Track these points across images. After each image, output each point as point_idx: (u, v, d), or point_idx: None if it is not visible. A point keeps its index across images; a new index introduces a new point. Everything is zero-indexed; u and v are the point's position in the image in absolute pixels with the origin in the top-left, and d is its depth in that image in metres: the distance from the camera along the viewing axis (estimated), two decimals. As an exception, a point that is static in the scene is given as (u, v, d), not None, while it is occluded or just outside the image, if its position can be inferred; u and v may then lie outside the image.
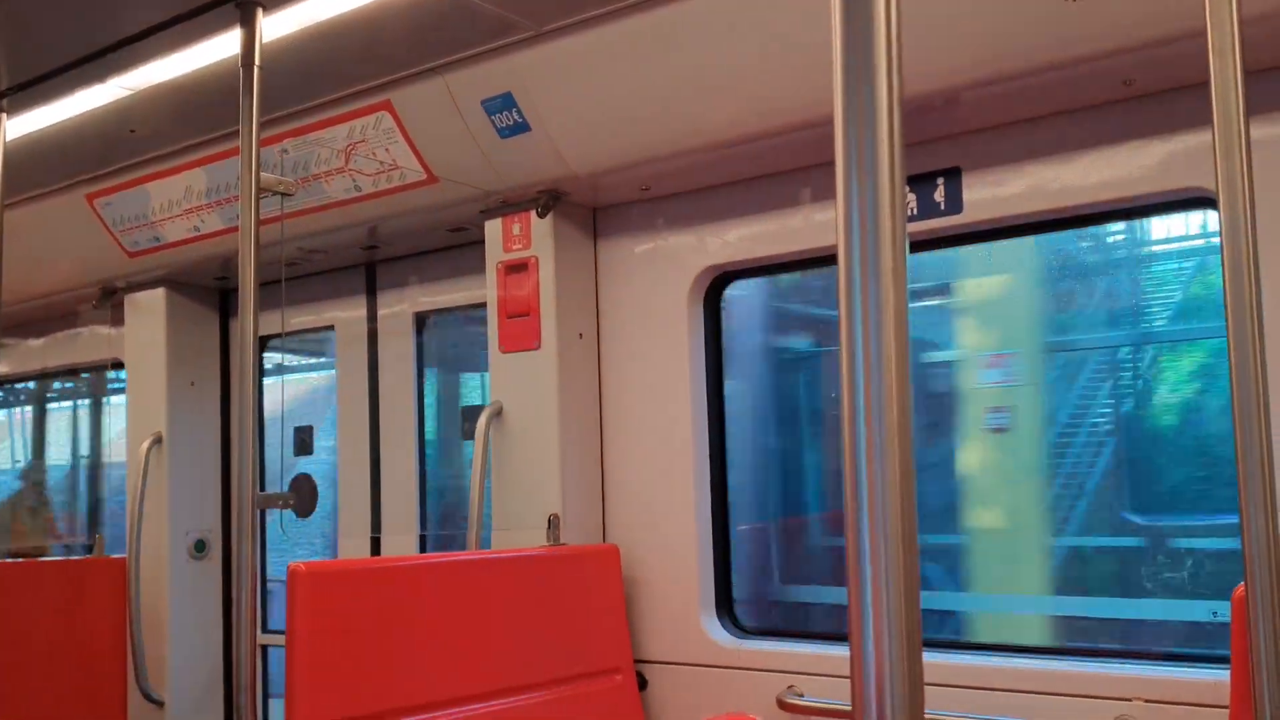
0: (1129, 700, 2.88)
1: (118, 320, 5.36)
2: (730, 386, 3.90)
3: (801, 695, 3.41)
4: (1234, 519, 1.65)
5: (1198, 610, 3.64)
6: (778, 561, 4.41)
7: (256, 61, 2.98)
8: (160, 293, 5.07)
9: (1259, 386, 1.65)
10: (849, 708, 0.98)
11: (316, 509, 5.06)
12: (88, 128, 4.02)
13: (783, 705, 3.41)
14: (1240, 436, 1.65)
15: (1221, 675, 2.75)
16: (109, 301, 5.27)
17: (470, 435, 4.14)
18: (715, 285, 3.84)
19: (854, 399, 1.02)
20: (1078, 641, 3.94)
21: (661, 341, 3.83)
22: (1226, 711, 2.43)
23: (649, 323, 3.87)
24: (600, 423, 3.95)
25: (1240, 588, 1.66)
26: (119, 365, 5.51)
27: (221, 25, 3.18)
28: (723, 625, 3.72)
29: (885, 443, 1.00)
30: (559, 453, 3.77)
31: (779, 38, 3.04)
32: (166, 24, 3.20)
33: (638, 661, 3.76)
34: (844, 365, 1.03)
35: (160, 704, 4.88)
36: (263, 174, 3.01)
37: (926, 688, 1.02)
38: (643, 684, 3.74)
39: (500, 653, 3.33)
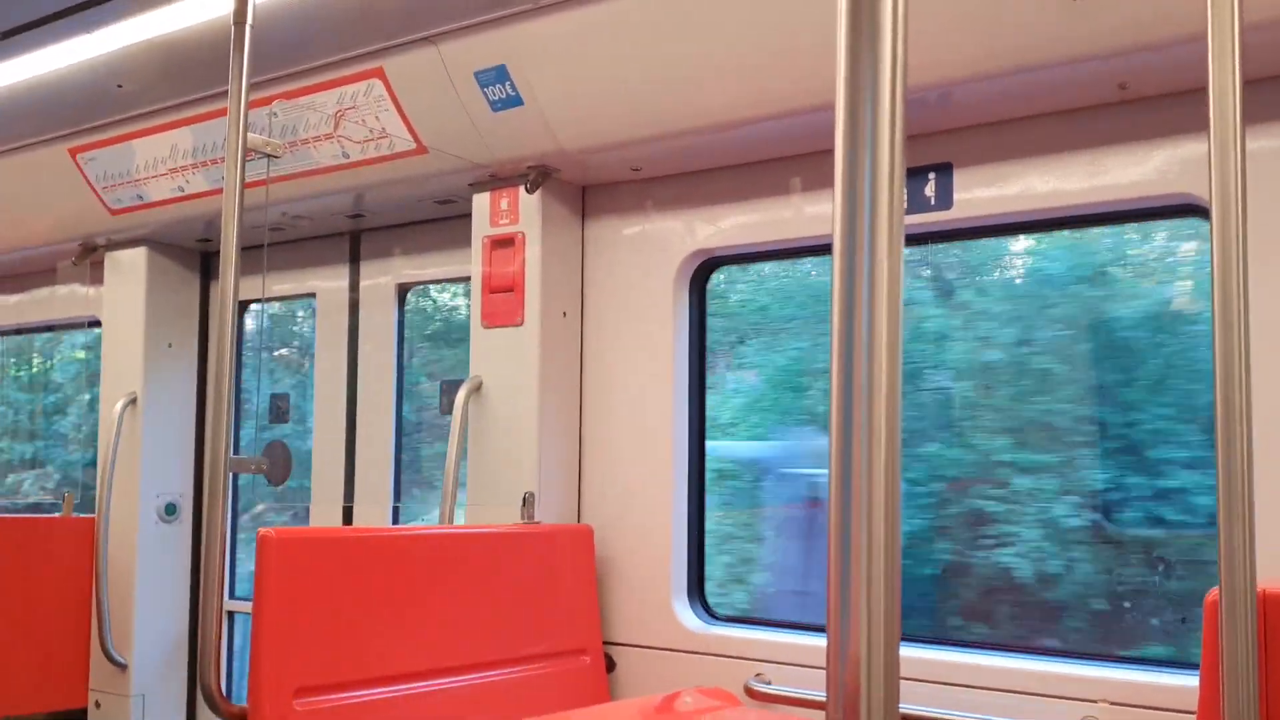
0: (1095, 701, 2.90)
1: (96, 279, 5.31)
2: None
3: (769, 683, 3.42)
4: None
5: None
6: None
7: (249, 20, 2.94)
8: (141, 252, 5.02)
9: (1242, 393, 1.66)
10: (816, 697, 0.97)
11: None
12: (74, 80, 3.97)
13: (750, 693, 3.42)
14: (1222, 442, 1.65)
15: (1188, 679, 2.76)
16: (88, 259, 5.22)
17: (448, 410, 4.12)
18: (702, 270, 3.82)
19: (844, 389, 1.01)
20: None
21: (646, 324, 3.81)
22: (1192, 716, 2.44)
23: (634, 305, 3.85)
24: (580, 402, 3.94)
25: (1214, 591, 1.66)
26: (95, 324, 5.46)
27: None
28: (694, 610, 3.71)
29: (872, 433, 0.99)
30: (537, 430, 3.75)
31: (777, 22, 3.02)
32: None
33: (607, 643, 3.75)
34: (835, 355, 1.02)
35: (123, 666, 4.85)
36: (250, 134, 2.97)
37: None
38: (611, 666, 3.74)
39: (468, 628, 3.32)
